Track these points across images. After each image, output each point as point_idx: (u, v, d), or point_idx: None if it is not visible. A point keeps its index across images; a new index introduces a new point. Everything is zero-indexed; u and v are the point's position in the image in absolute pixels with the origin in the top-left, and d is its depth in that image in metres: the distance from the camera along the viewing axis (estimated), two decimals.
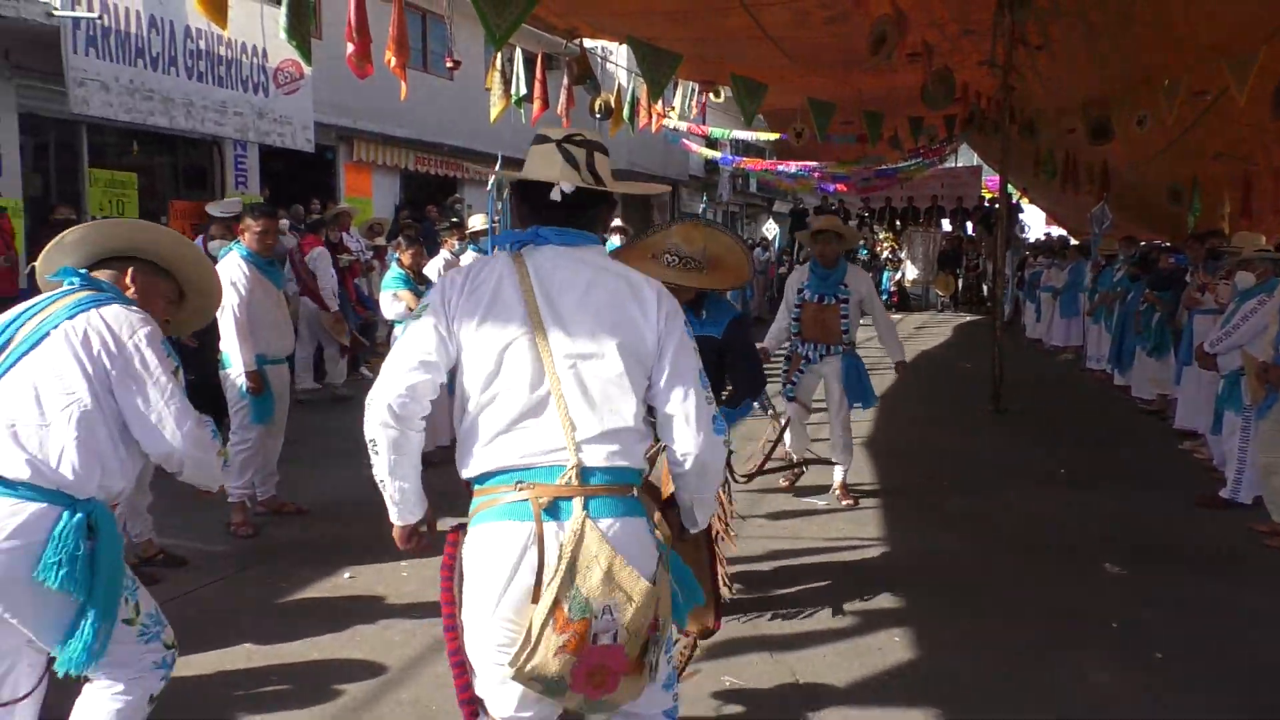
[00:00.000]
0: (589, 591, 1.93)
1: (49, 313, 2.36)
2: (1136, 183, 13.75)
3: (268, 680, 3.61)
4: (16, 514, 2.18)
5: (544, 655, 1.92)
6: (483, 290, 2.10)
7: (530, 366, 2.05)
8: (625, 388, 2.08)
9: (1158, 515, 6.00)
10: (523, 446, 2.05)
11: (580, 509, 1.98)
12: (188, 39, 10.63)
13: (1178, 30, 7.55)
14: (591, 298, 2.10)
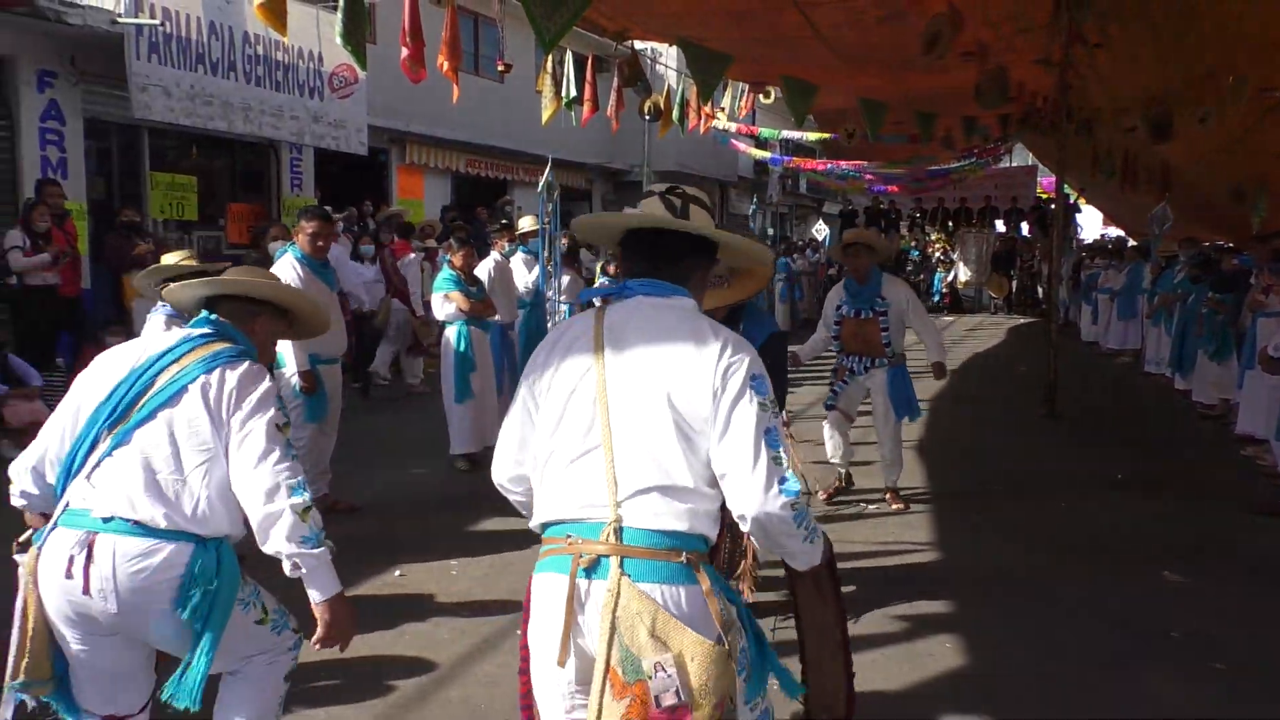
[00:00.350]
0: (638, 650, 1.86)
1: (186, 363, 2.45)
2: (1198, 182, 13.41)
3: (318, 676, 3.66)
4: (154, 553, 2.28)
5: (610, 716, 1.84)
6: (561, 344, 2.15)
7: (587, 418, 2.03)
8: (678, 446, 1.97)
9: (1218, 522, 5.84)
10: (574, 499, 2.02)
11: (617, 568, 1.91)
12: (246, 44, 10.84)
13: (1243, 25, 7.35)
14: (657, 350, 2.04)
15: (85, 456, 2.37)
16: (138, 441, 2.36)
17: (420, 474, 6.73)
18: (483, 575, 4.76)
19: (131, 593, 2.26)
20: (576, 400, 2.05)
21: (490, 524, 5.62)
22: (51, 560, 2.28)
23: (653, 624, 1.86)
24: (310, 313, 2.86)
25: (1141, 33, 8.49)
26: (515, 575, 4.77)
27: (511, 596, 4.48)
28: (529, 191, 17.19)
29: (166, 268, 4.71)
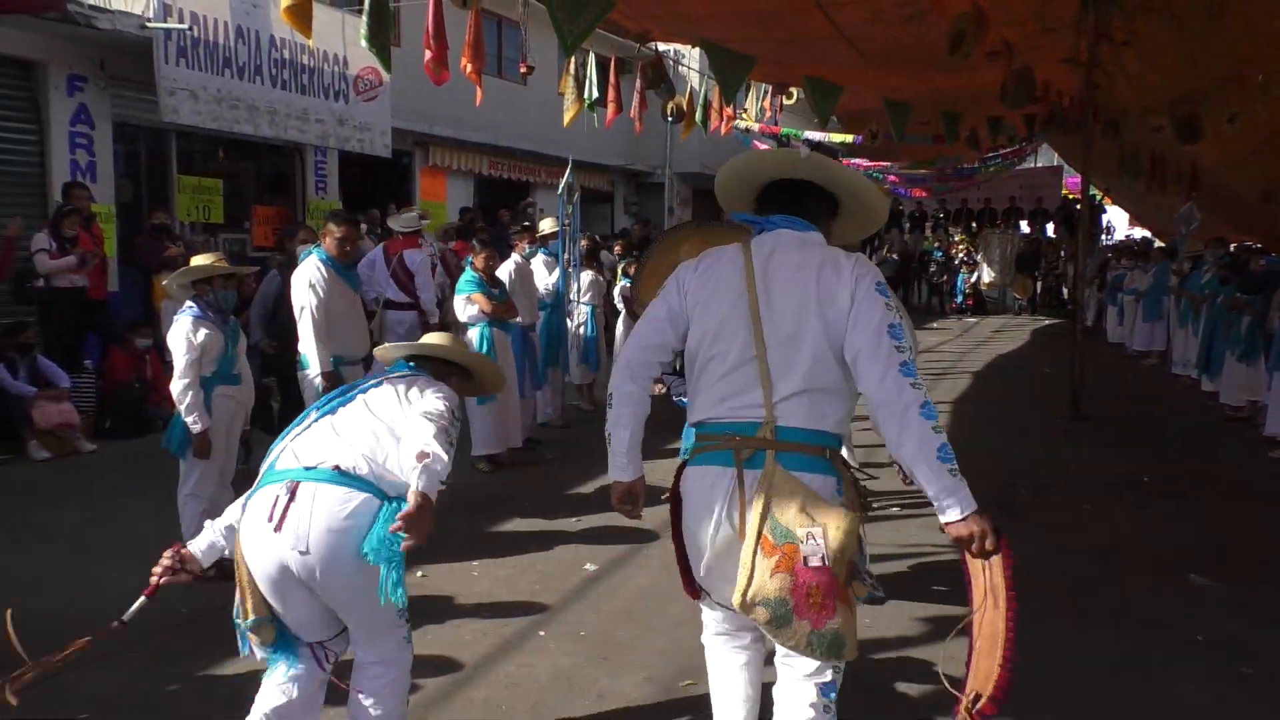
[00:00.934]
0: (788, 521, 2.26)
1: (389, 377, 2.94)
2: (1227, 182, 13.25)
3: (341, 676, 3.68)
4: (350, 500, 2.51)
5: (761, 579, 2.25)
6: (713, 272, 2.52)
7: (742, 334, 2.40)
8: (823, 356, 2.36)
9: (1246, 526, 5.78)
10: (732, 402, 2.40)
11: (773, 459, 2.32)
12: (272, 48, 10.93)
13: (1272, 24, 7.26)
14: (800, 276, 2.41)
15: (293, 434, 2.73)
16: (340, 415, 2.74)
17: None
18: (505, 576, 4.78)
19: (325, 533, 2.47)
20: (731, 322, 2.43)
21: (512, 525, 5.65)
22: (256, 509, 2.55)
23: (802, 503, 2.27)
24: (492, 376, 3.39)
25: (1168, 31, 8.40)
26: (536, 576, 4.79)
27: (533, 598, 4.50)
28: (551, 193, 17.23)
29: (200, 268, 4.77)
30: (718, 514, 2.40)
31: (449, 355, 3.15)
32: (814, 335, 2.35)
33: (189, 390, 4.53)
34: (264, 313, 6.51)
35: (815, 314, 2.35)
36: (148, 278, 9.19)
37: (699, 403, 2.52)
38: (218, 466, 4.75)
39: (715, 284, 2.49)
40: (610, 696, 3.56)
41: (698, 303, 2.51)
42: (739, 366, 2.40)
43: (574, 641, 4.02)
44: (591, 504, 6.02)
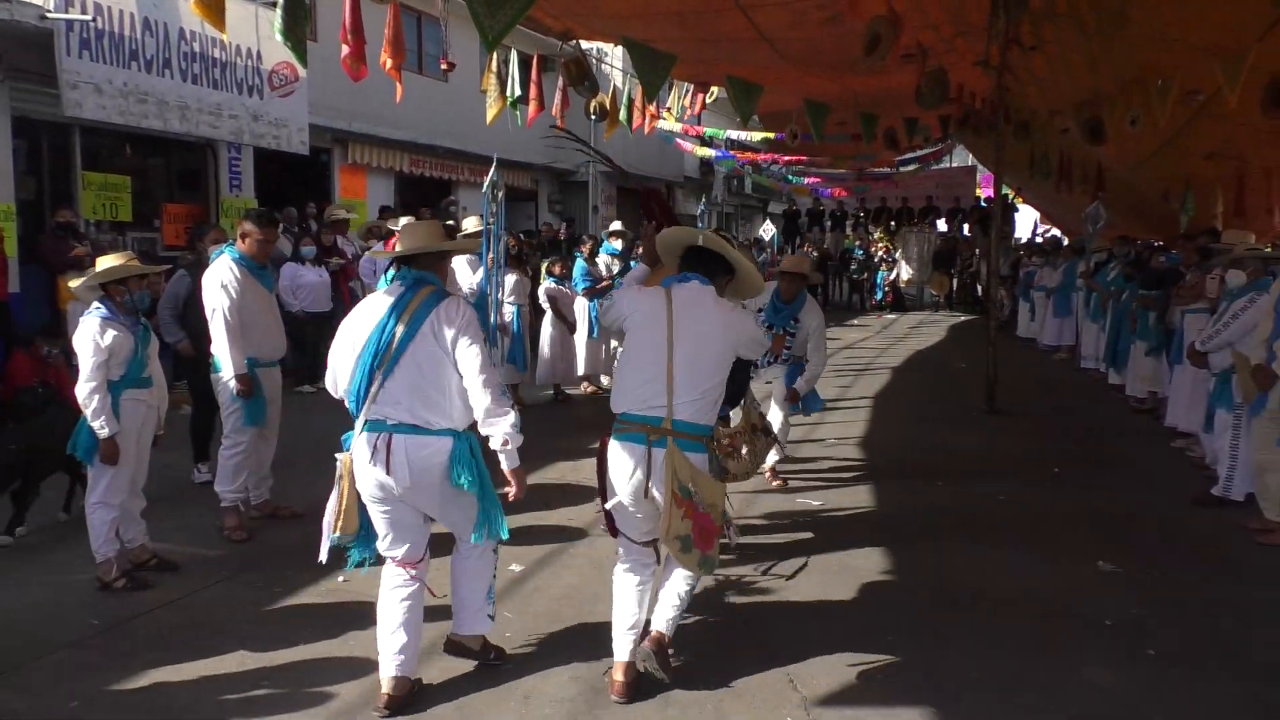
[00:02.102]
0: (684, 480, 3.34)
1: (411, 311, 3.45)
2: (1131, 182, 13.78)
3: (260, 685, 3.61)
4: (429, 444, 3.39)
5: (675, 521, 3.31)
6: (643, 306, 3.60)
7: (658, 354, 3.45)
8: (709, 374, 3.48)
9: (1151, 513, 6.01)
10: (647, 402, 3.45)
11: (673, 443, 3.38)
12: (182, 41, 10.60)
13: (1170, 30, 7.57)
14: (701, 314, 3.50)
15: (366, 389, 3.43)
16: (399, 374, 3.41)
17: None
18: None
19: (418, 472, 3.38)
20: (654, 340, 3.47)
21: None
22: (361, 454, 3.44)
23: (691, 472, 3.38)
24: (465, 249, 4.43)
25: (1074, 37, 8.69)
26: None
27: None
28: (474, 192, 17.07)
29: (115, 269, 4.61)
30: (633, 476, 3.44)
31: (434, 248, 3.67)
32: (705, 363, 3.47)
33: (95, 394, 4.37)
34: (174, 315, 6.26)
35: (709, 349, 3.48)
36: (53, 278, 8.84)
37: (621, 398, 3.55)
38: (128, 473, 4.59)
39: (646, 313, 3.57)
40: (536, 697, 3.55)
41: (634, 323, 3.59)
42: (654, 379, 3.45)
43: (498, 642, 3.99)
44: (517, 504, 5.95)
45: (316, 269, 10.09)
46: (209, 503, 5.55)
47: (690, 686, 3.62)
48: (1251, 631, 4.21)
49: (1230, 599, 4.58)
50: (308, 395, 9.74)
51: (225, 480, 5.30)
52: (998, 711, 3.48)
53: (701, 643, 4.02)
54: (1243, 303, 5.91)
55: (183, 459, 6.29)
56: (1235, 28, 6.91)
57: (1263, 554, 5.23)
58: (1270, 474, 5.43)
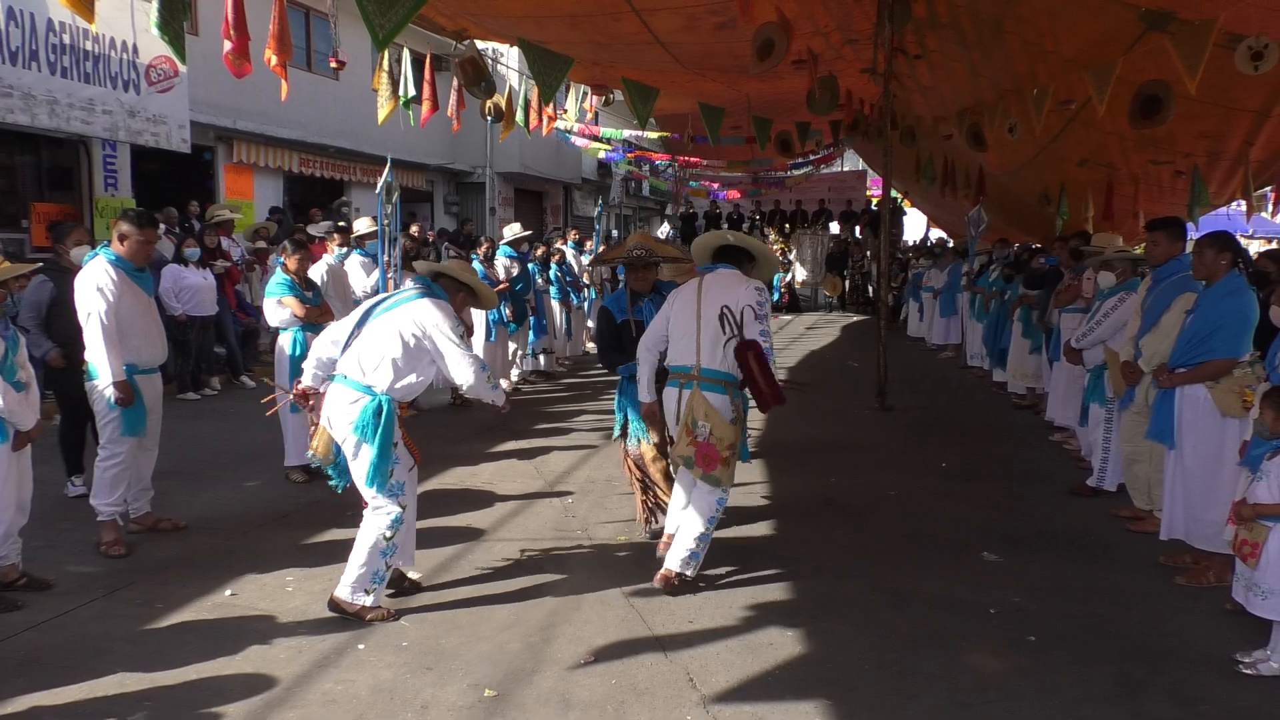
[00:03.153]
0: (698, 416, 4.43)
1: (403, 298, 4.26)
2: (1010, 187, 14.37)
3: (140, 707, 3.44)
4: (353, 398, 4.11)
5: (682, 445, 4.49)
6: (683, 292, 4.69)
7: (690, 323, 4.56)
8: (727, 336, 4.47)
9: (1031, 504, 6.28)
10: (680, 358, 4.60)
11: (697, 386, 4.48)
12: (50, 32, 10.08)
13: (1044, 43, 7.93)
14: (723, 294, 4.53)
15: (346, 346, 4.23)
16: (362, 335, 4.20)
17: (252, 487, 6.43)
18: (321, 590, 4.58)
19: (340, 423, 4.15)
20: (688, 316, 4.58)
21: (330, 535, 5.43)
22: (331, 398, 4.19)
23: (705, 410, 4.43)
24: (489, 296, 4.69)
25: (955, 47, 9.03)
26: None
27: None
28: (366, 192, 16.73)
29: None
30: (672, 411, 4.63)
31: (461, 278, 4.48)
32: (725, 325, 4.48)
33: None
34: (38, 324, 5.81)
35: (725, 318, 4.49)
36: None
37: (670, 355, 4.68)
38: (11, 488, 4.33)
39: (682, 298, 4.67)
40: (434, 707, 3.49)
41: (674, 308, 4.69)
42: (687, 340, 4.57)
43: (395, 653, 3.91)
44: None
45: (201, 271, 9.71)
46: (83, 517, 5.28)
47: (590, 688, 3.61)
48: (1122, 614, 4.43)
49: (1104, 584, 4.82)
50: (191, 403, 9.38)
51: (102, 493, 5.05)
52: (889, 701, 3.58)
53: (600, 643, 4.02)
54: (1113, 302, 6.22)
55: (54, 471, 5.98)
56: (1104, 42, 7.30)
57: (1133, 540, 5.52)
58: (1138, 464, 5.74)
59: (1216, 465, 4.78)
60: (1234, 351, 4.73)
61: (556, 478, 6.85)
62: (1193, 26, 6.03)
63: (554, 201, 26.94)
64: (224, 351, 10.30)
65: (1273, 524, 3.81)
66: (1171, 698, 3.62)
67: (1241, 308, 4.75)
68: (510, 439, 8.00)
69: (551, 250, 12.04)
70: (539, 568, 4.96)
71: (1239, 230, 18.54)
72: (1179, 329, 5.03)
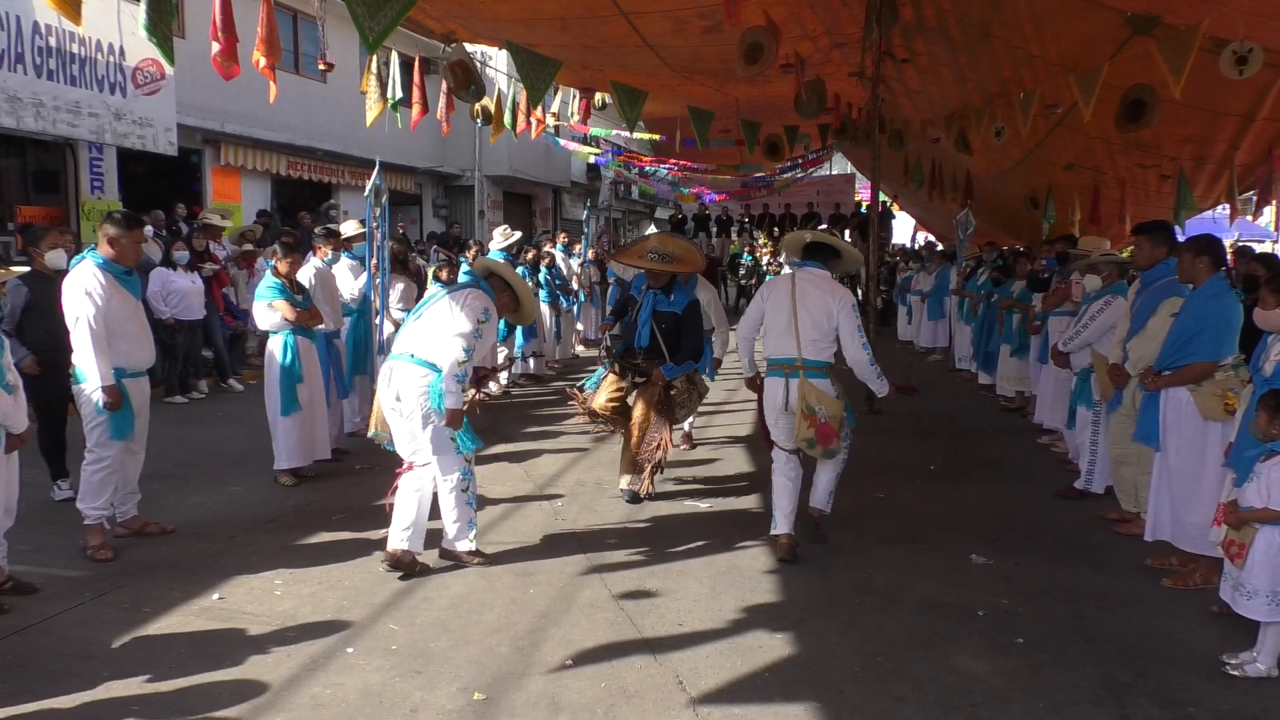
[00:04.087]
0: (813, 403, 4.94)
1: (457, 287, 4.84)
2: (997, 190, 14.44)
3: (128, 712, 3.43)
4: (422, 373, 4.61)
5: (804, 429, 4.93)
6: (777, 286, 5.24)
7: (788, 318, 5.07)
8: (824, 331, 5.06)
9: (1019, 507, 6.31)
10: (781, 350, 5.11)
11: (803, 375, 4.99)
12: (36, 35, 10.03)
13: (1030, 47, 7.97)
14: (817, 291, 5.10)
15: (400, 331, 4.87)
16: (422, 319, 4.76)
17: (239, 491, 6.40)
18: (310, 593, 4.58)
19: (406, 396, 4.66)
20: (784, 311, 5.09)
21: (317, 538, 5.42)
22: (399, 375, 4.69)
23: (818, 394, 4.96)
24: (529, 308, 5.34)
25: (943, 51, 9.06)
26: (344, 591, 4.61)
27: (340, 614, 4.33)
28: (355, 195, 16.70)
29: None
30: (777, 399, 5.09)
31: (508, 279, 5.12)
32: (819, 324, 5.04)
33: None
34: (13, 328, 5.72)
35: (822, 315, 5.04)
36: None
37: (767, 349, 5.20)
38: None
39: (777, 293, 5.20)
40: (423, 710, 3.48)
41: (768, 302, 5.23)
42: (785, 333, 5.08)
43: (384, 656, 3.90)
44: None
45: (189, 275, 9.67)
46: (69, 521, 5.26)
47: (579, 690, 3.62)
48: (1109, 616, 4.46)
49: (1091, 587, 4.84)
50: (178, 406, 9.34)
51: (89, 497, 5.03)
52: (877, 703, 3.60)
53: (589, 645, 4.02)
54: (1099, 305, 6.25)
55: (40, 475, 5.94)
56: (1089, 46, 7.34)
57: (1120, 543, 5.55)
58: (1125, 467, 5.77)
59: (1199, 467, 4.81)
60: (1215, 354, 4.75)
61: (546, 481, 6.84)
62: (1178, 31, 6.07)
63: (543, 205, 26.93)
64: (211, 355, 10.26)
65: (1260, 525, 3.83)
66: (1158, 700, 3.64)
67: (1222, 311, 4.78)
68: (500, 442, 7.99)
69: (541, 254, 12.05)
70: (528, 571, 4.95)
71: (1224, 234, 18.66)
72: (1165, 332, 5.07)
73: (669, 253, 6.10)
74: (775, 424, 5.16)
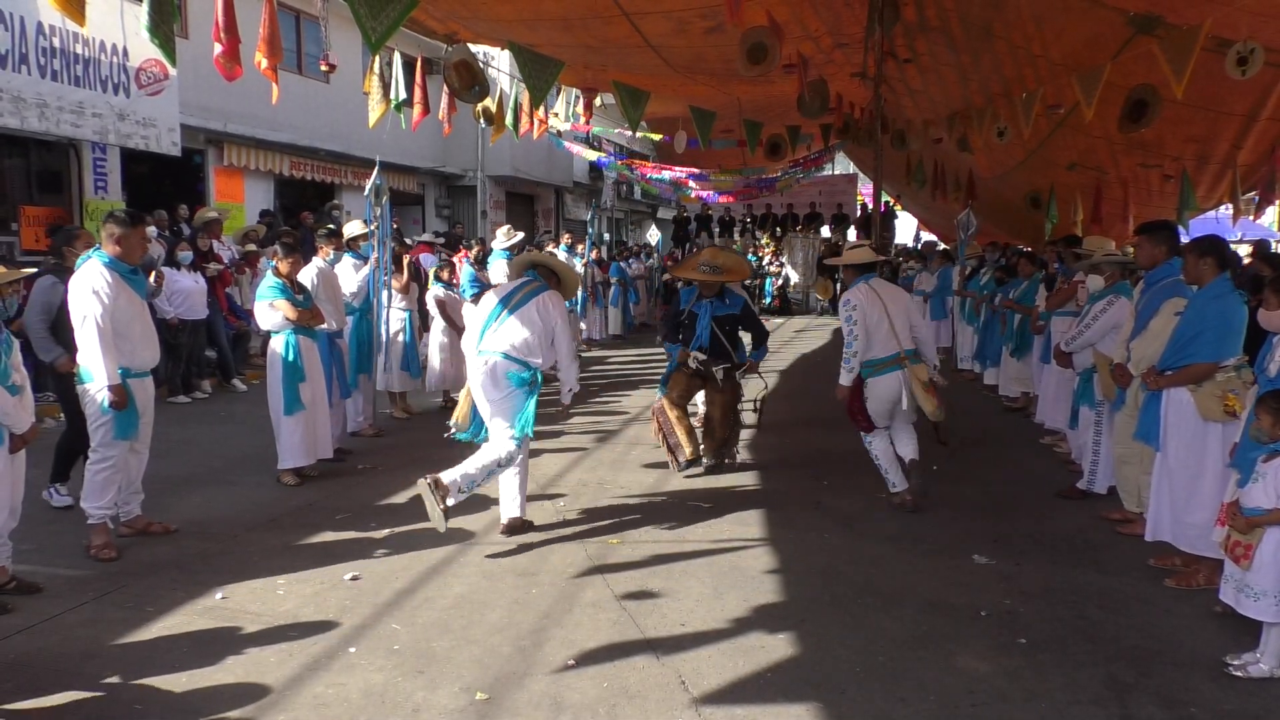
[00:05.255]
0: (923, 378, 6.01)
1: (528, 292, 5.47)
2: (1000, 190, 14.43)
3: (131, 712, 3.44)
4: (511, 368, 5.30)
5: (928, 400, 5.99)
6: (865, 298, 5.98)
7: (886, 321, 5.95)
8: (906, 328, 6.03)
9: (1022, 507, 6.30)
10: (886, 349, 5.96)
11: (909, 363, 5.95)
12: (40, 36, 10.05)
13: (1033, 47, 7.97)
14: (893, 295, 6.14)
15: (489, 327, 5.39)
16: (510, 321, 5.36)
17: (243, 491, 6.42)
18: (313, 594, 4.59)
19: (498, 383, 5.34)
20: (881, 319, 5.95)
21: (320, 538, 5.43)
22: (474, 368, 5.39)
23: (925, 371, 6.05)
24: (573, 284, 5.99)
25: (945, 51, 9.05)
26: (346, 591, 4.62)
27: (342, 614, 4.34)
28: (358, 195, 16.68)
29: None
30: (896, 390, 6.00)
31: (554, 268, 5.85)
32: (905, 321, 6.04)
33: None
34: (48, 328, 5.61)
35: (902, 309, 6.07)
36: None
37: (872, 351, 6.00)
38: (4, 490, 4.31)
39: (870, 306, 5.97)
40: (426, 710, 3.49)
41: (865, 316, 5.96)
42: (888, 334, 5.94)
43: (386, 656, 3.91)
44: (404, 514, 5.88)
45: (193, 274, 9.70)
46: (73, 520, 5.28)
47: (581, 690, 3.62)
48: (1112, 616, 4.45)
49: (1094, 587, 4.84)
50: (182, 406, 9.36)
51: (93, 496, 5.04)
52: (879, 703, 3.59)
53: (591, 645, 4.02)
54: (1101, 305, 6.24)
55: (45, 475, 5.95)
56: (1092, 46, 7.33)
57: (1123, 543, 5.54)
58: (1128, 466, 5.76)
59: (1199, 468, 4.80)
60: (1215, 355, 4.74)
61: (549, 480, 6.85)
62: (1180, 31, 6.07)
63: (545, 205, 26.93)
64: (215, 355, 10.28)
65: (1269, 526, 3.82)
66: (1161, 700, 3.64)
67: (1223, 312, 4.76)
68: None
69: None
70: (531, 570, 4.96)
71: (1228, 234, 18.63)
72: (1166, 333, 5.06)
73: (719, 265, 6.93)
74: (880, 413, 6.10)
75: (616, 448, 8.03)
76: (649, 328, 18.28)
